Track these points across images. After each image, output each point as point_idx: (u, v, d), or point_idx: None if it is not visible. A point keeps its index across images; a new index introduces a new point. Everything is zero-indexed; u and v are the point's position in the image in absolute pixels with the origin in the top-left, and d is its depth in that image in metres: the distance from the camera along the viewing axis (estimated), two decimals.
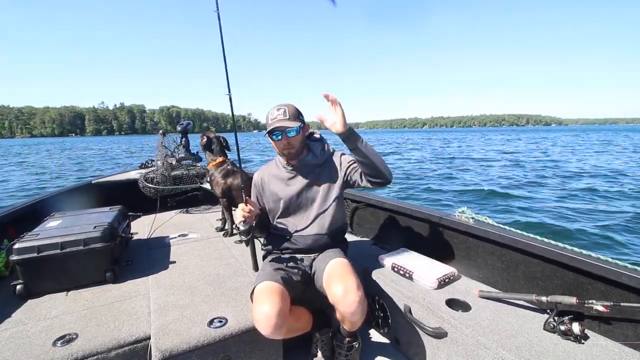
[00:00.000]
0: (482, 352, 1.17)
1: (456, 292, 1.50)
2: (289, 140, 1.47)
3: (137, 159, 18.93)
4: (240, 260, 2.03)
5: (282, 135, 1.45)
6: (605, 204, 7.00)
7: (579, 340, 1.13)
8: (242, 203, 1.43)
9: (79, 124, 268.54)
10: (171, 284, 1.70)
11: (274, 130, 1.45)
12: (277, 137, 1.46)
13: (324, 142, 1.64)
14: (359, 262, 1.83)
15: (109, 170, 12.43)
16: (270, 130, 1.45)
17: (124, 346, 1.24)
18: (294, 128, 1.44)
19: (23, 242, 1.61)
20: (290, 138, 1.47)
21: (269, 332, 1.19)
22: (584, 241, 4.83)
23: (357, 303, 1.26)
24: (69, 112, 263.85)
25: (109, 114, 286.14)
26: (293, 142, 1.48)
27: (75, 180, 11.13)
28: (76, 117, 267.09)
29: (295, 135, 1.47)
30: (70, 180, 12.31)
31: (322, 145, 1.61)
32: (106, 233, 1.74)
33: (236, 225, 1.43)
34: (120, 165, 17.12)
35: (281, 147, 1.50)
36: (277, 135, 1.46)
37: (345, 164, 1.56)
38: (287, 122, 1.44)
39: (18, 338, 1.26)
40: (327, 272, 1.42)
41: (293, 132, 1.46)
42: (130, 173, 3.88)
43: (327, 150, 1.61)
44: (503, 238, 1.50)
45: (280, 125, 1.43)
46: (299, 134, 1.49)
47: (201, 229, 2.72)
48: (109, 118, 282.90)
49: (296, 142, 1.49)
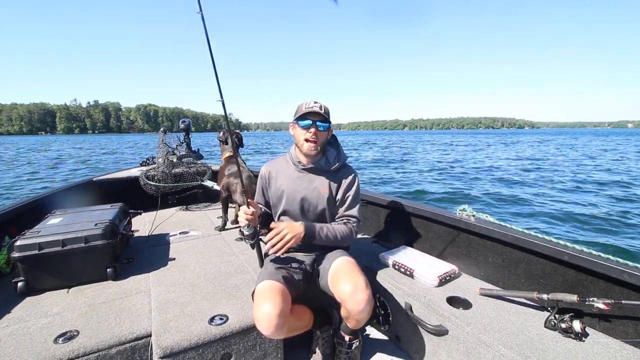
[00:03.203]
0: (483, 350, 1.17)
1: (457, 290, 1.50)
2: (317, 132, 1.49)
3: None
4: (241, 257, 2.03)
5: (313, 125, 1.48)
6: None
7: (579, 338, 1.13)
8: (244, 205, 1.44)
9: (50, 122, 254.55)
10: (172, 282, 1.70)
11: (307, 117, 1.47)
12: (307, 125, 1.48)
13: (340, 148, 1.64)
14: (360, 259, 1.83)
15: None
16: (303, 114, 1.47)
17: (124, 343, 1.25)
18: (327, 124, 1.50)
19: (24, 239, 1.61)
20: (319, 131, 1.49)
21: (271, 332, 1.19)
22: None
23: (365, 301, 1.26)
24: (38, 109, 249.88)
25: (82, 111, 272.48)
26: (319, 136, 1.50)
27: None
28: (46, 114, 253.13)
29: (323, 131, 1.50)
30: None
31: (337, 152, 1.62)
32: (107, 230, 1.75)
33: (240, 230, 1.44)
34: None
35: (305, 137, 1.50)
36: (307, 123, 1.48)
37: (341, 196, 1.57)
38: (322, 113, 1.47)
39: (19, 335, 1.27)
40: (333, 270, 1.42)
41: (323, 127, 1.50)
42: (131, 170, 3.88)
43: (341, 158, 1.61)
44: (504, 235, 1.50)
45: (316, 112, 1.46)
46: (327, 131, 1.53)
47: (202, 227, 2.72)
48: (81, 116, 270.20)
49: (322, 137, 1.52)
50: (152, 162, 4.01)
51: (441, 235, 1.84)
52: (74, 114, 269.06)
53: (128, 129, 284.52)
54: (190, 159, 3.58)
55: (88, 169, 15.48)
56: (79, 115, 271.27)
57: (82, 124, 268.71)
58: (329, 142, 1.63)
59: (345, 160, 1.62)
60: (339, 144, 1.66)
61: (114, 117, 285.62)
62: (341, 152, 1.63)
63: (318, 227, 1.47)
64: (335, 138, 1.66)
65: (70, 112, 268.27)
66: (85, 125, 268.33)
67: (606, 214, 6.33)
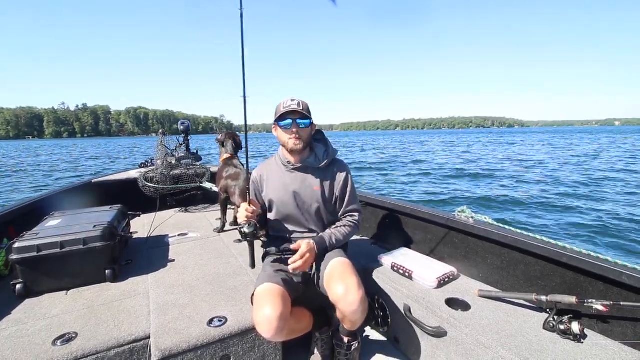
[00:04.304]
0: (482, 352, 1.17)
1: (456, 292, 1.50)
2: (299, 130, 1.47)
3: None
4: (240, 259, 2.03)
5: (293, 124, 1.46)
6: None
7: (578, 340, 1.13)
8: (244, 203, 1.44)
9: (37, 126, 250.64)
10: (171, 283, 1.70)
11: (286, 117, 1.46)
12: (288, 125, 1.46)
13: (328, 144, 1.63)
14: (359, 261, 1.83)
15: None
16: (282, 115, 1.46)
17: (123, 345, 1.24)
18: (307, 121, 1.49)
19: (23, 241, 1.61)
20: (301, 129, 1.48)
21: (271, 336, 1.19)
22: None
23: (358, 302, 1.26)
24: (25, 113, 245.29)
25: (71, 115, 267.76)
26: (302, 134, 1.49)
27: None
28: (34, 118, 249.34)
29: (305, 128, 1.49)
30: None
31: (325, 147, 1.61)
32: (106, 232, 1.74)
33: (240, 227, 1.44)
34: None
35: (288, 137, 1.49)
36: (288, 123, 1.46)
37: (339, 192, 1.59)
38: (300, 111, 1.46)
39: (18, 337, 1.26)
40: (328, 271, 1.42)
41: (304, 124, 1.48)
42: (130, 172, 3.88)
43: (330, 153, 1.60)
44: (503, 237, 1.50)
45: (294, 111, 1.45)
46: (309, 128, 1.51)
47: (200, 228, 2.72)
48: (70, 120, 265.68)
49: (305, 135, 1.50)
50: (151, 164, 4.01)
51: (440, 237, 1.84)
52: (62, 118, 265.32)
53: (118, 132, 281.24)
54: (189, 160, 3.58)
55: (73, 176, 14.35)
56: (68, 119, 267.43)
57: (71, 128, 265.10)
58: (316, 139, 1.63)
59: (334, 154, 1.62)
60: (326, 139, 1.65)
61: (103, 121, 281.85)
62: (329, 147, 1.62)
63: (327, 237, 1.51)
64: (323, 133, 1.65)
65: (59, 116, 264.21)
66: (74, 129, 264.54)
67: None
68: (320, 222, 1.60)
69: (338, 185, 1.58)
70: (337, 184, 1.58)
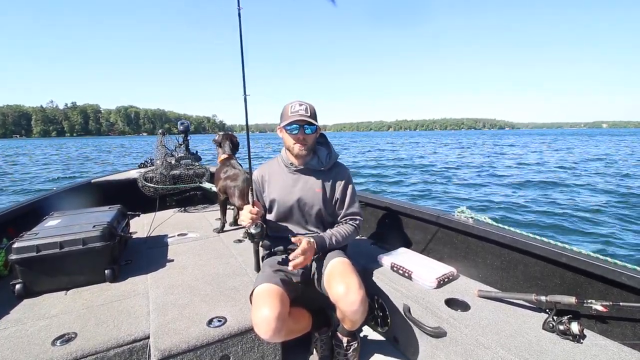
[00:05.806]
0: (481, 352, 1.17)
1: (455, 292, 1.50)
2: (305, 136, 1.49)
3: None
4: (240, 259, 2.02)
5: (300, 131, 1.48)
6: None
7: (577, 340, 1.13)
8: (248, 205, 1.44)
9: (25, 125, 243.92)
10: (170, 283, 1.70)
11: (294, 123, 1.47)
12: (294, 131, 1.48)
13: (330, 147, 1.65)
14: (358, 261, 1.83)
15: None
16: (290, 122, 1.47)
17: (123, 345, 1.24)
18: (314, 127, 1.50)
19: (22, 241, 1.61)
20: (307, 135, 1.50)
21: (269, 336, 1.19)
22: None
23: (358, 302, 1.26)
24: (12, 111, 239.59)
25: (59, 113, 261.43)
26: (308, 140, 1.51)
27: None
28: (21, 117, 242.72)
29: (311, 134, 1.51)
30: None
31: (328, 150, 1.63)
32: (105, 232, 1.74)
33: (246, 230, 1.44)
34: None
35: (294, 142, 1.51)
36: (294, 128, 1.47)
37: (339, 195, 1.59)
38: (308, 119, 1.47)
39: (17, 337, 1.26)
40: (328, 271, 1.42)
41: (311, 130, 1.50)
42: (129, 172, 3.88)
43: (332, 156, 1.62)
44: (502, 237, 1.50)
45: (302, 119, 1.46)
46: (314, 134, 1.54)
47: (200, 228, 2.71)
48: (59, 118, 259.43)
49: (310, 140, 1.53)
50: (151, 164, 4.01)
51: (439, 237, 1.84)
52: (50, 117, 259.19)
53: (108, 131, 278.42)
54: (188, 160, 3.58)
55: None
56: (56, 118, 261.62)
57: (60, 126, 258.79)
58: (319, 142, 1.64)
59: (336, 158, 1.64)
60: (329, 142, 1.67)
61: (93, 120, 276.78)
62: (332, 150, 1.64)
63: (327, 237, 1.50)
64: (325, 137, 1.66)
65: (47, 115, 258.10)
66: (63, 128, 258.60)
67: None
68: (320, 224, 1.61)
69: (339, 188, 1.59)
70: (338, 186, 1.59)
